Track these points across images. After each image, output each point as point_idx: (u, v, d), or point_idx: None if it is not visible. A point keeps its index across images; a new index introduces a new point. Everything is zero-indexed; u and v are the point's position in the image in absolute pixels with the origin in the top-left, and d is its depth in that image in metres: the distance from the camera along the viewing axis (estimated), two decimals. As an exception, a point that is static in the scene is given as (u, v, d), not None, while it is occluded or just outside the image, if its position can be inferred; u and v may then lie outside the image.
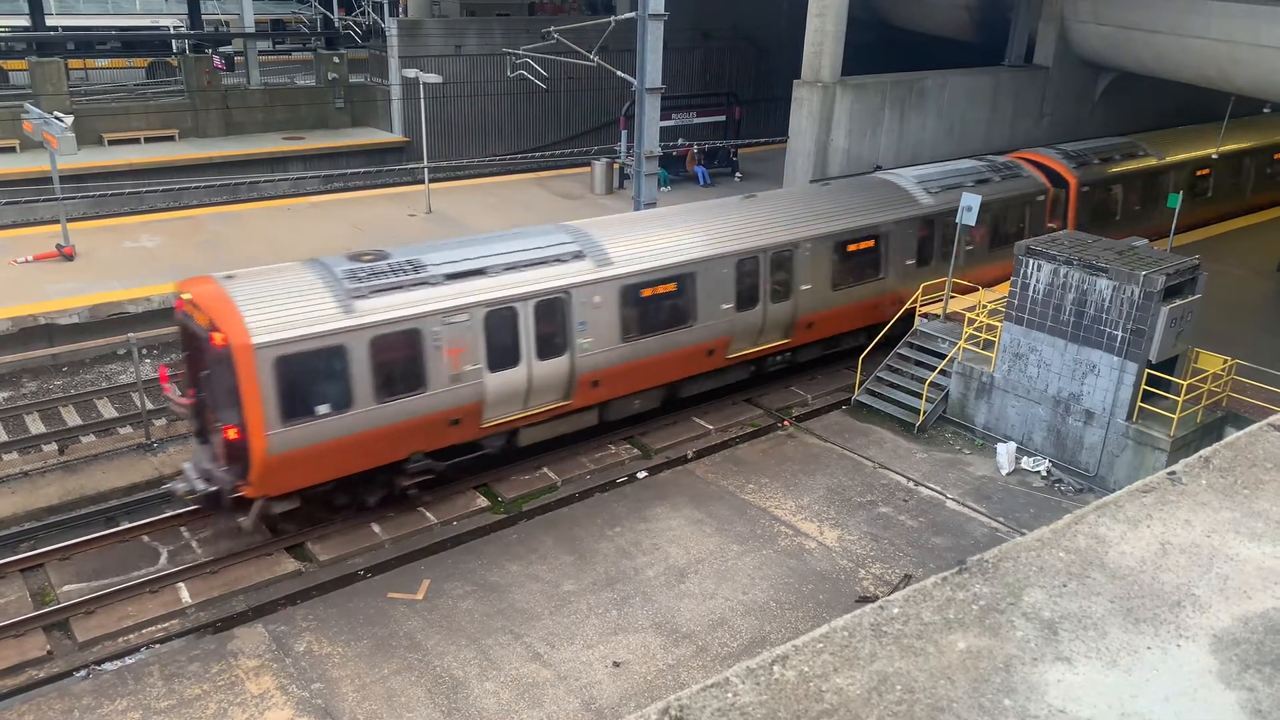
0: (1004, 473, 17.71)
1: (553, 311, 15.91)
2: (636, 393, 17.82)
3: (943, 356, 19.56)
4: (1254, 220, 30.40)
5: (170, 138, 36.10)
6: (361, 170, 33.23)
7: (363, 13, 40.73)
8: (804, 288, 19.39)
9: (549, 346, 15.98)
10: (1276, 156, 32.01)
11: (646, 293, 17.08)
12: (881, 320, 20.85)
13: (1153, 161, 27.67)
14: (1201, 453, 4.67)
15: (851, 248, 20.13)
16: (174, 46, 42.57)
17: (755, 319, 18.81)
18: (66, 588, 13.62)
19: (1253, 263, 25.76)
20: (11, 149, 32.56)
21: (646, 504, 16.31)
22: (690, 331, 17.84)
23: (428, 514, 15.72)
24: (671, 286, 17.45)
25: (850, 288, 20.29)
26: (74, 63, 40.46)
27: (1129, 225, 25.94)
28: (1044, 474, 17.67)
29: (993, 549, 3.87)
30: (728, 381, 19.45)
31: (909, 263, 21.30)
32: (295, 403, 13.47)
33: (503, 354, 15.43)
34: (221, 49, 40.34)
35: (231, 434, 13.42)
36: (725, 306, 18.20)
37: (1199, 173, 29.16)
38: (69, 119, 22.99)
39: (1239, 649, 3.35)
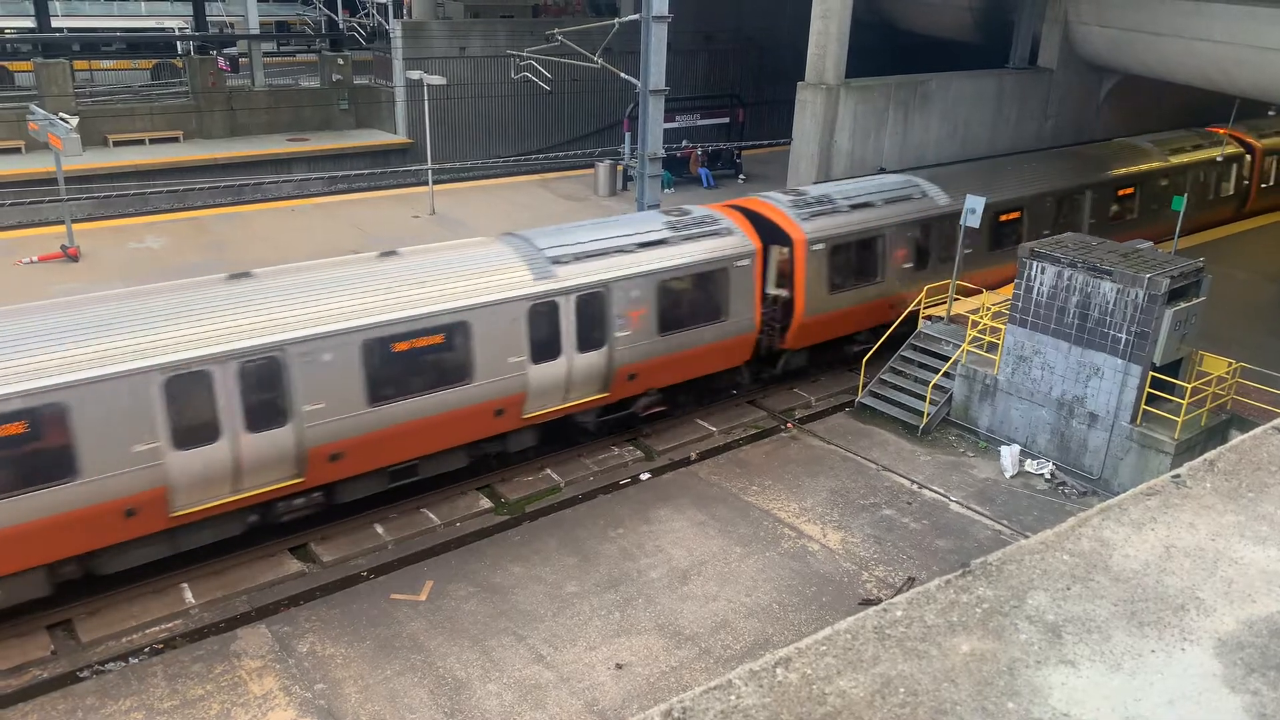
0: (1008, 475, 17.69)
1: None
2: None
3: (946, 359, 19.54)
4: (1259, 223, 30.34)
5: (175, 139, 36.15)
6: (365, 172, 33.25)
7: (367, 14, 40.82)
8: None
9: None
10: (1121, 192, 27.36)
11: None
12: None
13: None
14: (1206, 456, 4.66)
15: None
16: (179, 48, 42.69)
17: None
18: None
19: (1258, 265, 25.71)
20: (17, 150, 32.63)
21: (649, 506, 16.31)
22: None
23: (430, 515, 15.73)
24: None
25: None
26: (79, 64, 40.56)
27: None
28: (1048, 477, 17.64)
29: (996, 552, 3.86)
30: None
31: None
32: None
33: None
34: (226, 51, 40.47)
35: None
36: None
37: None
38: (74, 120, 23.02)
39: (1243, 652, 3.35)
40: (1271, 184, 32.50)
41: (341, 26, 42.53)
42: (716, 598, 14.00)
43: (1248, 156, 31.37)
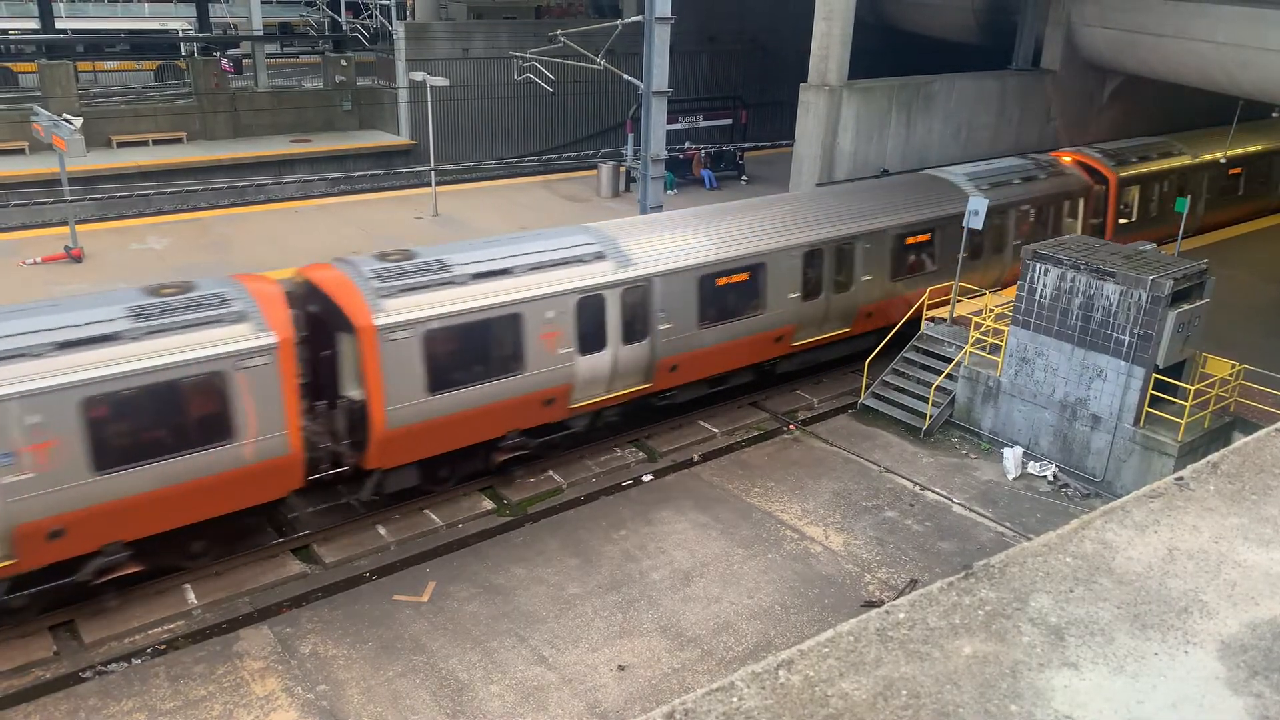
0: (1010, 477, 17.67)
1: None
2: None
3: (949, 360, 19.52)
4: (1263, 224, 30.30)
5: (178, 140, 36.21)
6: (368, 173, 33.26)
7: (370, 16, 40.85)
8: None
9: None
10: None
11: None
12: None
13: None
14: (1209, 458, 4.66)
15: None
16: (182, 49, 42.75)
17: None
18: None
19: (1262, 267, 25.67)
20: (20, 151, 32.70)
21: (652, 507, 16.31)
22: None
23: (433, 516, 15.74)
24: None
25: None
26: (83, 65, 40.62)
27: None
28: (1050, 479, 17.62)
29: (999, 554, 3.86)
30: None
31: None
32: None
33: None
34: (230, 52, 40.49)
35: None
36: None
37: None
38: (78, 121, 23.06)
39: (1246, 655, 3.34)
40: (1134, 219, 26.42)
41: (345, 28, 42.55)
42: (719, 599, 13.99)
43: (1097, 188, 25.50)
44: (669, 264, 17.24)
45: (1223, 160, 29.25)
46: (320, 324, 14.68)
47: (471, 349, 15.12)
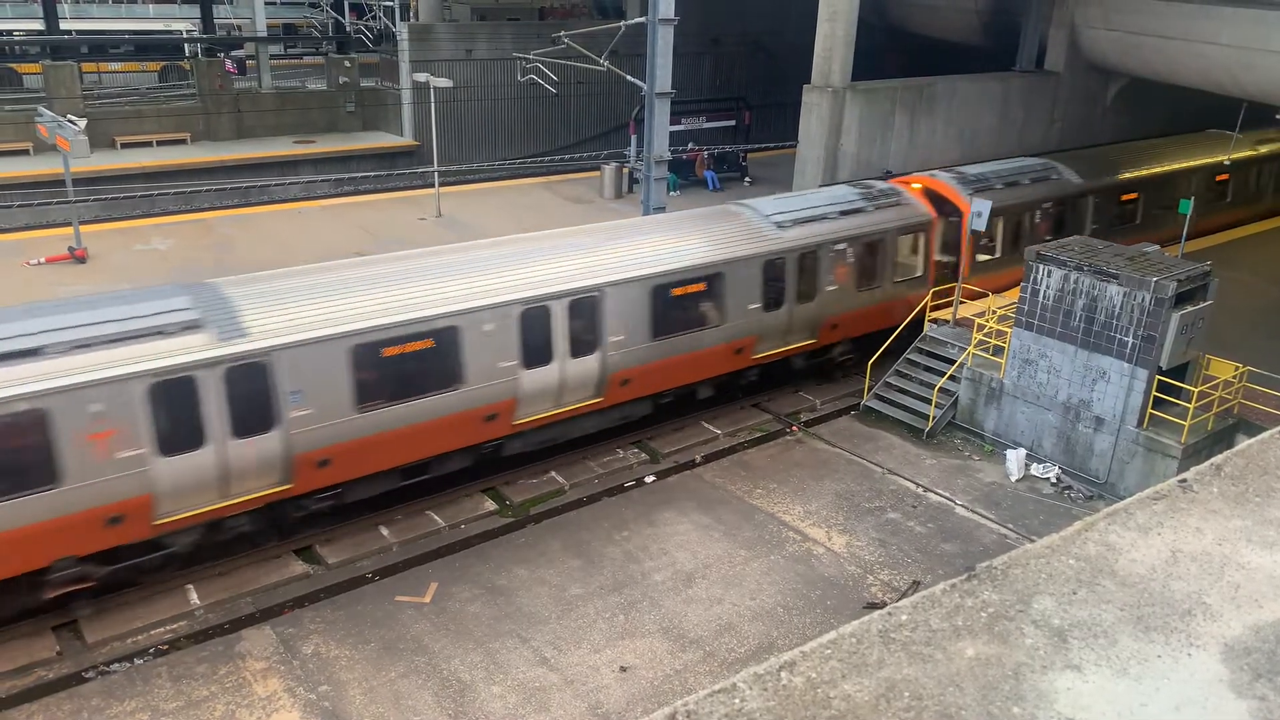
0: (1013, 479, 17.65)
1: None
2: None
3: (952, 362, 19.51)
4: (1267, 226, 30.24)
5: (182, 141, 36.28)
6: (372, 174, 33.31)
7: (374, 17, 40.91)
8: None
9: None
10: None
11: None
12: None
13: None
14: (1213, 460, 4.65)
15: None
16: (186, 50, 42.82)
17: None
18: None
19: (1266, 269, 25.63)
20: (25, 152, 32.77)
21: (654, 508, 16.30)
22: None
23: (435, 517, 15.74)
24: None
25: None
26: (87, 66, 40.71)
27: None
28: (1054, 480, 17.60)
29: (1002, 555, 3.85)
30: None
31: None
32: None
33: None
34: (233, 53, 40.60)
35: None
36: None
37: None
38: (82, 122, 23.12)
39: (1250, 658, 3.33)
40: (998, 255, 22.49)
41: (348, 29, 42.63)
42: (721, 601, 13.98)
43: (948, 221, 21.44)
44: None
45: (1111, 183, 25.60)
46: None
47: None
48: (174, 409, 12.57)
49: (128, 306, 12.85)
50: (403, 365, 14.41)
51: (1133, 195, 25.98)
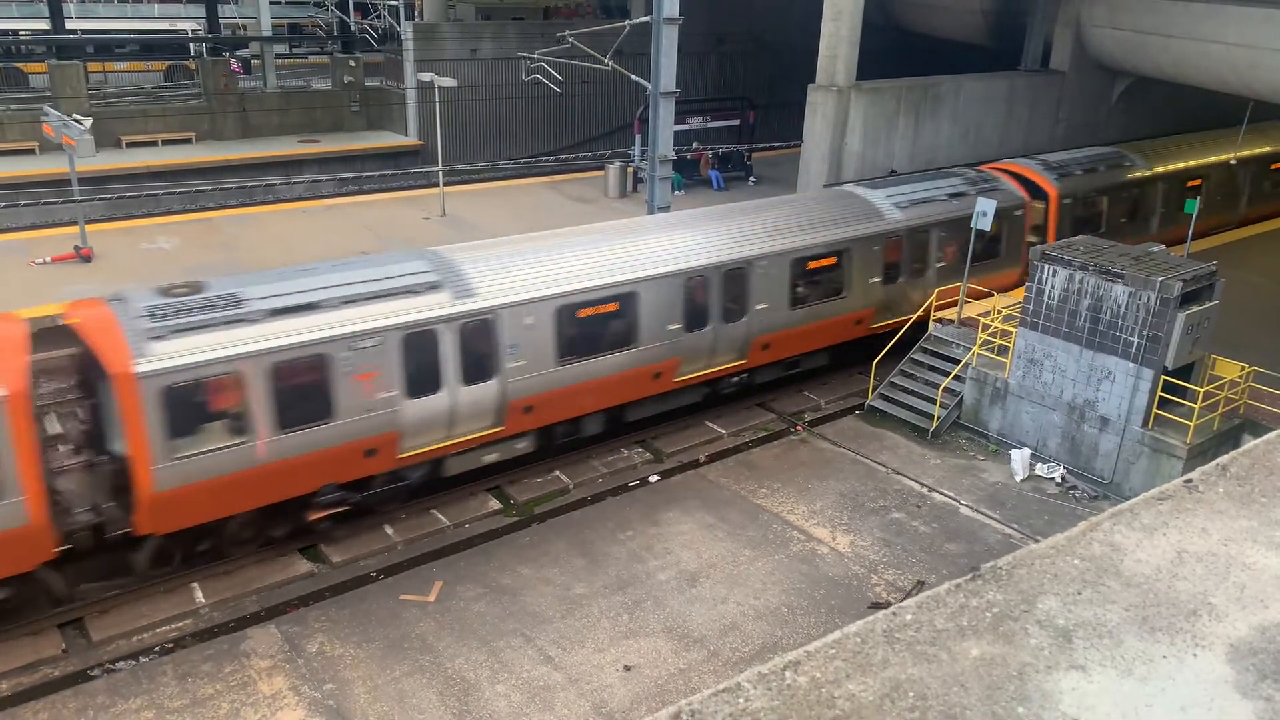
0: (1018, 479, 17.62)
1: None
2: None
3: (957, 362, 19.48)
4: (1273, 226, 30.16)
5: (187, 140, 36.34)
6: (376, 173, 33.35)
7: (379, 17, 40.94)
8: None
9: None
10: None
11: None
12: None
13: None
14: (1218, 460, 4.64)
15: None
16: (191, 50, 42.88)
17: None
18: (84, 585, 13.70)
19: (1272, 269, 25.56)
20: (31, 151, 32.84)
21: (658, 508, 16.30)
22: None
23: (440, 516, 15.76)
24: None
25: None
26: (93, 66, 40.79)
27: None
28: (1058, 481, 17.57)
29: (1007, 556, 3.84)
30: None
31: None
32: None
33: None
34: (238, 53, 40.64)
35: None
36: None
37: None
38: (87, 122, 23.15)
39: (1256, 658, 3.32)
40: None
41: (353, 28, 42.66)
42: (725, 600, 13.98)
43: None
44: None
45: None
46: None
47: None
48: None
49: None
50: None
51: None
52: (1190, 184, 27.43)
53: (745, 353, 18.70)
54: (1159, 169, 26.78)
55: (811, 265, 19.09)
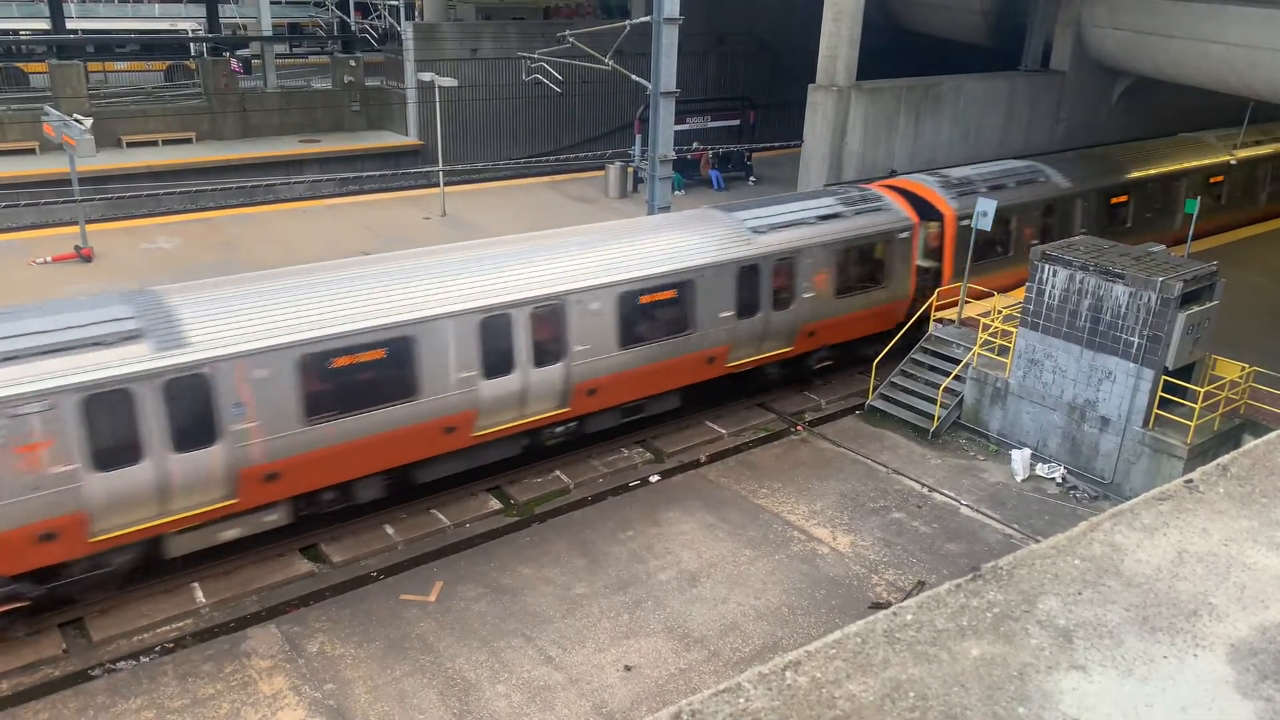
0: (1019, 479, 17.62)
1: None
2: None
3: (957, 362, 19.48)
4: (1274, 226, 30.14)
5: (188, 140, 36.36)
6: (377, 173, 33.37)
7: (379, 16, 40.95)
8: None
9: None
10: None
11: None
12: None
13: None
14: (1219, 460, 4.64)
15: None
16: (192, 50, 42.90)
17: None
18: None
19: (1273, 269, 25.56)
20: (31, 151, 32.86)
21: (659, 508, 16.30)
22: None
23: (440, 516, 15.76)
24: None
25: None
26: (93, 66, 40.80)
27: None
28: (1059, 481, 17.57)
29: (1007, 556, 3.85)
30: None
31: None
32: None
33: None
34: (239, 52, 40.64)
35: None
36: None
37: None
38: (88, 121, 23.17)
39: (1256, 659, 3.32)
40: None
41: (354, 28, 42.68)
42: (726, 600, 13.98)
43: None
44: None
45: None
46: None
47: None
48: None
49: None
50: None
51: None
52: (1114, 200, 25.44)
53: (567, 399, 16.44)
54: (1081, 185, 24.35)
55: (646, 299, 16.89)
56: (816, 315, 19.50)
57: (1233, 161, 29.42)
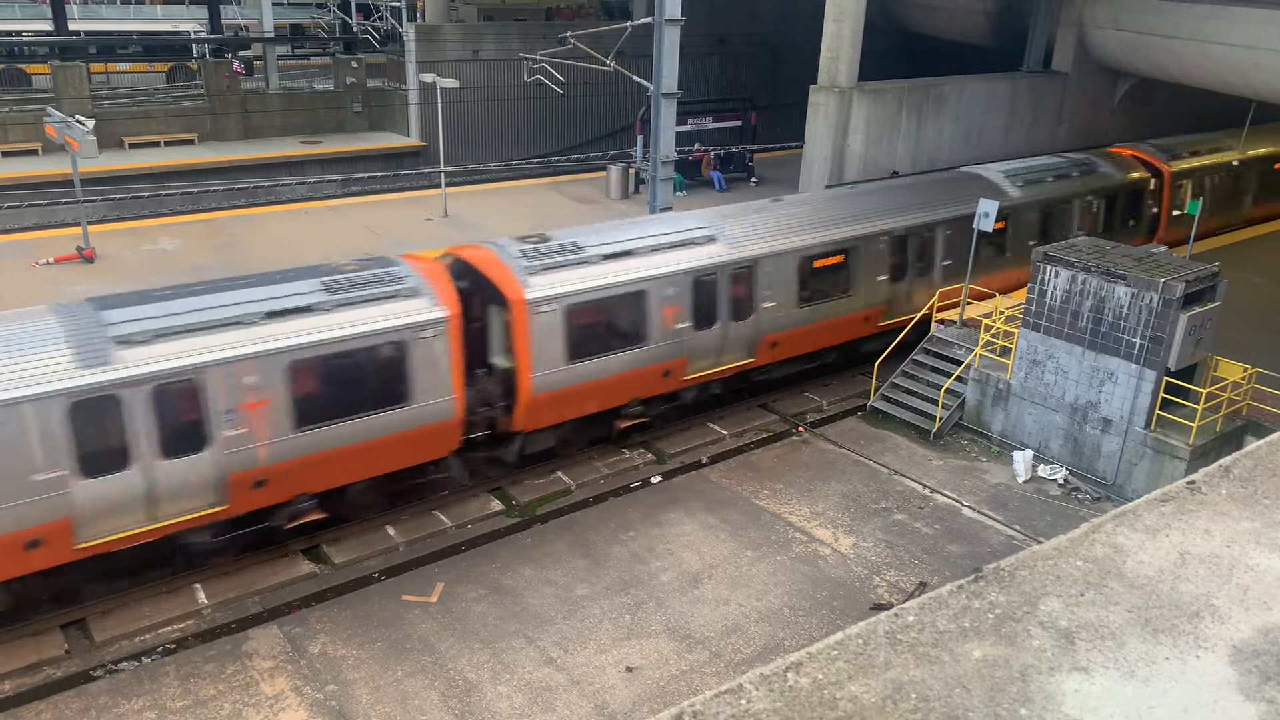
0: (1020, 480, 17.61)
1: None
2: None
3: (959, 363, 19.47)
4: (1276, 227, 30.10)
5: (190, 141, 36.39)
6: (379, 174, 33.38)
7: (381, 18, 41.00)
8: None
9: None
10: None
11: None
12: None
13: None
14: (1221, 461, 4.63)
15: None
16: (194, 51, 42.96)
17: None
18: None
19: (1275, 270, 25.53)
20: (33, 152, 32.89)
21: (660, 509, 16.30)
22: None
23: (442, 516, 15.76)
24: None
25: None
26: (95, 67, 40.85)
27: None
28: (1061, 482, 17.55)
29: (1009, 557, 3.84)
30: None
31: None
32: None
33: None
34: (241, 53, 40.69)
35: None
36: None
37: None
38: (90, 122, 23.19)
39: (1259, 660, 3.32)
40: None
41: (355, 29, 42.72)
42: (727, 601, 13.97)
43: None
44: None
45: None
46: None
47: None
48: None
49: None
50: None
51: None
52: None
53: (224, 495, 13.42)
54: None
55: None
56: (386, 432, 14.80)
57: None
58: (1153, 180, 26.60)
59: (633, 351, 16.91)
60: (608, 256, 16.75)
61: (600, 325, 16.54)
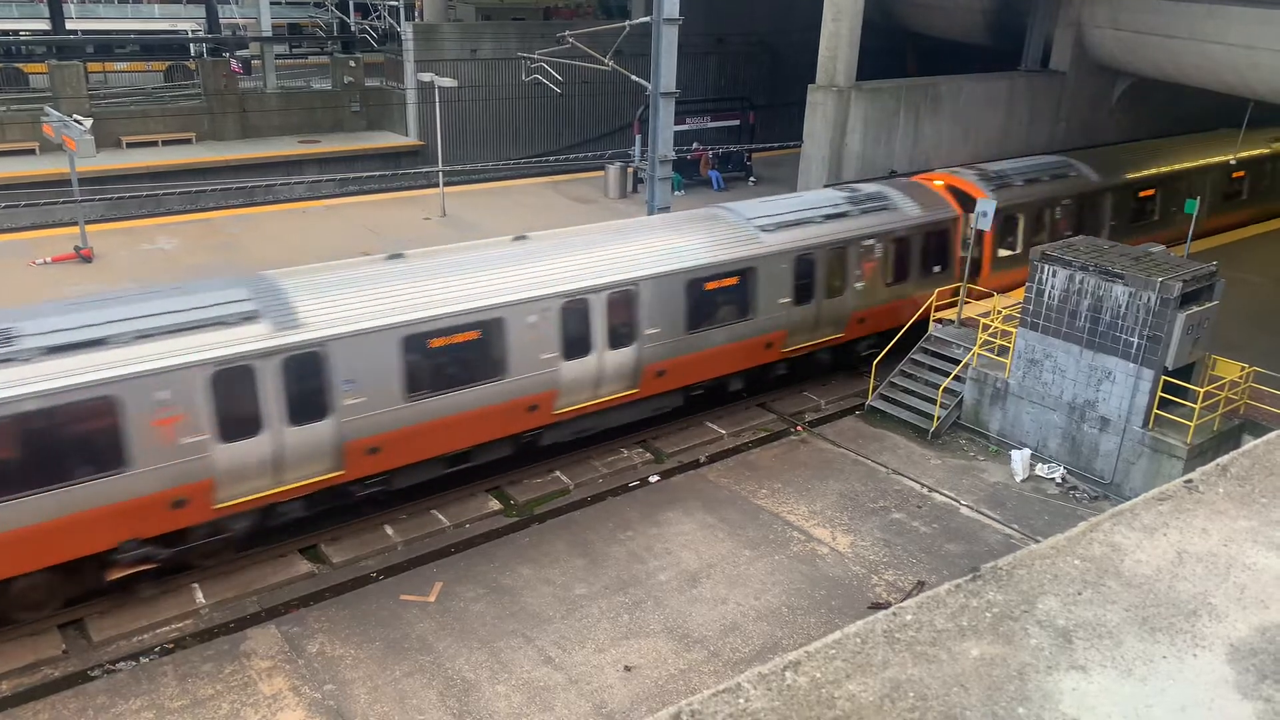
0: (1018, 479, 17.62)
1: None
2: None
3: (957, 362, 19.48)
4: (1274, 226, 30.13)
5: (187, 141, 36.37)
6: (377, 174, 33.35)
7: (379, 17, 40.97)
8: None
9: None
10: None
11: None
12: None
13: None
14: (1219, 460, 4.64)
15: None
16: (192, 50, 42.91)
17: None
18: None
19: (1273, 269, 25.56)
20: (31, 151, 32.86)
21: (659, 508, 16.30)
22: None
23: (440, 516, 15.76)
24: None
25: None
26: (93, 66, 40.80)
27: None
28: (1059, 481, 17.57)
29: (1007, 556, 3.85)
30: None
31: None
32: None
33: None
34: (239, 53, 40.62)
35: None
36: None
37: None
38: (88, 122, 23.19)
39: (1256, 659, 3.32)
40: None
41: (353, 29, 42.69)
42: (726, 601, 13.98)
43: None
44: None
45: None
46: None
47: None
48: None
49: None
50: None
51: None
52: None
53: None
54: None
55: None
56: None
57: None
58: (960, 219, 21.52)
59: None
60: (54, 350, 12.01)
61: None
